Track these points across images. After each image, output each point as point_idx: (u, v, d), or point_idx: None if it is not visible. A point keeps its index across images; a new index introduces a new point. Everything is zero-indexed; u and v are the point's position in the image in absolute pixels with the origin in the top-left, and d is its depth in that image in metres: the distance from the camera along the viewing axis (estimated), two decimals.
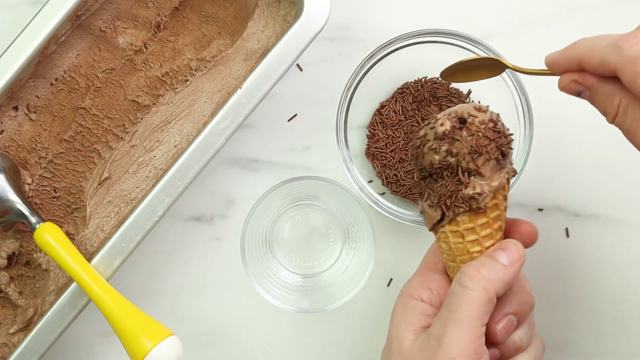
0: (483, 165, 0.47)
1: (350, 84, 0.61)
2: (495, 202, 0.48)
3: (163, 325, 0.56)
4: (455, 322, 0.45)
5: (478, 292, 0.46)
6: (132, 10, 0.63)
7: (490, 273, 0.46)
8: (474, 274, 0.46)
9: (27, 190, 0.62)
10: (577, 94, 0.46)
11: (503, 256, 0.47)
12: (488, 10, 0.66)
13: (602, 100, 0.45)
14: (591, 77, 0.45)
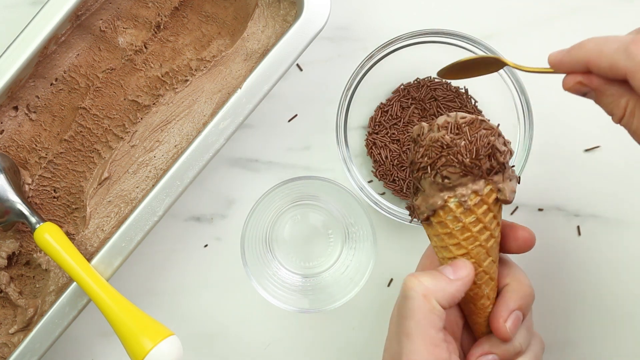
0: (423, 178, 0.48)
1: (350, 84, 0.61)
2: (439, 219, 0.48)
3: (163, 325, 0.56)
4: (407, 336, 0.45)
5: (419, 300, 0.45)
6: (132, 10, 0.63)
7: (433, 283, 0.46)
8: (415, 282, 0.46)
9: (27, 190, 0.62)
10: (583, 94, 0.46)
11: (449, 270, 0.47)
12: (488, 10, 0.66)
13: (609, 102, 0.45)
14: (597, 79, 0.45)
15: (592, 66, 0.44)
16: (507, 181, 0.48)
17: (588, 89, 0.45)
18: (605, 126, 0.66)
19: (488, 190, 0.47)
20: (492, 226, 0.48)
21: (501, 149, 0.47)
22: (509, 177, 0.48)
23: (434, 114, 0.64)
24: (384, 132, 0.64)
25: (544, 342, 0.52)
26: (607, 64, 0.43)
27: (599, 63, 0.43)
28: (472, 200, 0.47)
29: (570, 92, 0.47)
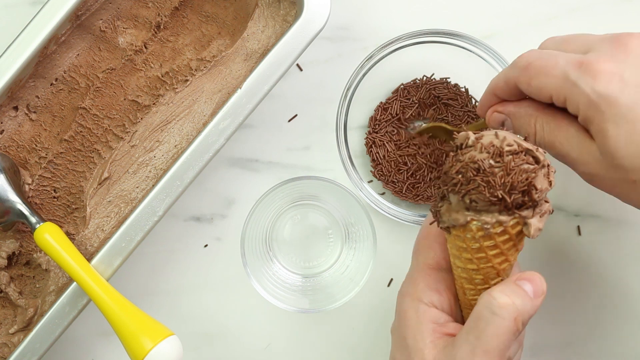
0: (452, 192, 0.46)
1: (350, 84, 0.61)
2: (458, 233, 0.46)
3: (163, 325, 0.56)
4: (485, 352, 0.43)
5: (509, 322, 0.44)
6: (132, 10, 0.63)
7: (522, 304, 0.44)
8: (508, 303, 0.44)
9: (27, 190, 0.62)
10: (501, 124, 0.52)
11: (529, 287, 0.46)
12: (488, 10, 0.66)
13: (522, 124, 0.50)
14: (509, 104, 0.51)
15: (496, 91, 0.51)
16: (537, 217, 0.45)
17: (504, 117, 0.52)
18: None
19: (514, 223, 0.45)
20: (510, 252, 0.46)
21: (539, 187, 0.45)
22: (540, 213, 0.46)
23: (434, 114, 0.64)
24: (383, 132, 0.64)
25: (523, 347, 0.52)
26: (502, 81, 0.51)
27: (498, 84, 0.51)
28: (495, 229, 0.45)
29: (492, 125, 0.52)
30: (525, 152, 0.45)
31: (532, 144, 0.46)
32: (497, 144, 0.44)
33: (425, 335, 0.47)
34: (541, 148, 0.46)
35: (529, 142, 0.46)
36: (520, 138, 0.46)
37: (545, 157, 0.45)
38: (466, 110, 0.64)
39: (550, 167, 0.46)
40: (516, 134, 0.46)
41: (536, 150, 0.45)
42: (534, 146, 0.45)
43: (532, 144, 0.47)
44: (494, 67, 0.61)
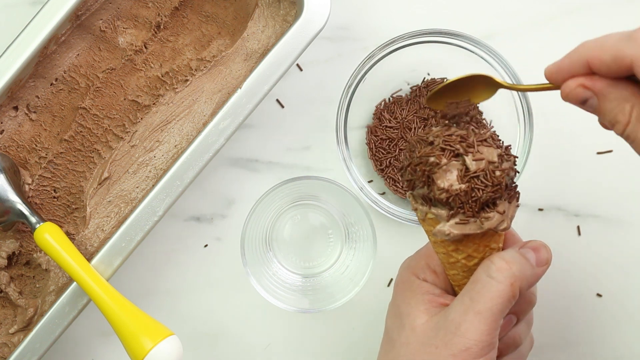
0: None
1: (350, 84, 0.61)
2: (423, 224, 0.46)
3: (163, 325, 0.56)
4: (478, 313, 0.44)
5: (505, 286, 0.44)
6: (132, 10, 0.63)
7: (520, 270, 0.44)
8: (504, 267, 0.44)
9: (27, 190, 0.62)
10: (583, 102, 0.42)
11: (532, 256, 0.46)
12: (488, 10, 0.66)
13: (613, 107, 0.41)
14: (601, 80, 0.41)
15: (594, 62, 0.40)
16: (453, 220, 0.43)
17: (590, 94, 0.42)
18: None
19: (426, 216, 0.44)
20: (478, 253, 0.45)
21: (441, 185, 0.43)
22: (507, 203, 0.44)
23: (434, 115, 0.64)
24: (384, 131, 0.64)
25: (533, 341, 0.52)
26: (610, 55, 0.39)
27: (602, 56, 0.40)
28: (424, 223, 0.45)
29: (569, 100, 0.43)
30: (445, 149, 0.43)
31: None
32: (430, 135, 0.44)
33: (419, 302, 0.47)
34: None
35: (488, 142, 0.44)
36: (489, 140, 0.44)
37: (478, 163, 0.42)
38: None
39: (483, 182, 0.43)
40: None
41: (466, 153, 0.43)
42: (475, 152, 0.43)
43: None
44: (494, 67, 0.61)
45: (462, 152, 0.43)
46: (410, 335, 0.47)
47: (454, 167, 0.43)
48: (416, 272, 0.49)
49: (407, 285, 0.49)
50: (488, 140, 0.44)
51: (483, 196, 0.42)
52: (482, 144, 0.43)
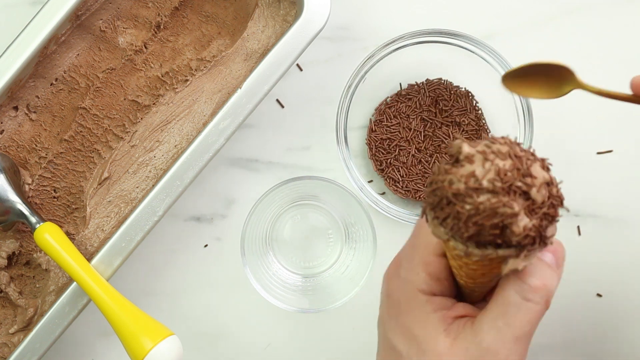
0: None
1: (350, 84, 0.61)
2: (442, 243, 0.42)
3: (163, 325, 0.56)
4: (517, 339, 0.41)
5: (542, 306, 0.41)
6: (132, 10, 0.63)
7: (552, 283, 0.41)
8: (540, 287, 0.40)
9: (27, 190, 0.62)
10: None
11: (550, 258, 0.42)
12: (488, 10, 0.66)
13: None
14: None
15: None
16: (522, 256, 0.39)
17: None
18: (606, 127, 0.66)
19: (490, 256, 0.39)
20: (494, 270, 0.41)
21: (517, 231, 0.37)
22: (525, 253, 0.38)
23: (434, 115, 0.64)
24: (384, 131, 0.64)
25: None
26: None
27: None
28: (468, 258, 0.40)
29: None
30: (509, 191, 0.37)
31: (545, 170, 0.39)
32: (478, 175, 0.37)
33: (436, 323, 0.43)
34: None
35: (539, 165, 0.39)
36: (530, 157, 0.38)
37: (546, 193, 0.39)
38: (467, 112, 0.64)
39: (550, 210, 0.39)
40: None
41: (531, 186, 0.38)
42: (534, 179, 0.38)
43: None
44: (494, 67, 0.61)
45: (525, 187, 0.38)
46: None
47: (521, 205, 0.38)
48: (420, 287, 0.44)
49: (415, 304, 0.44)
50: (529, 156, 0.38)
51: (551, 222, 0.39)
52: (530, 163, 0.39)
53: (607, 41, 0.66)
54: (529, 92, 0.45)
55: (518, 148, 0.38)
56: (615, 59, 0.66)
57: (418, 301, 0.44)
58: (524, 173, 0.38)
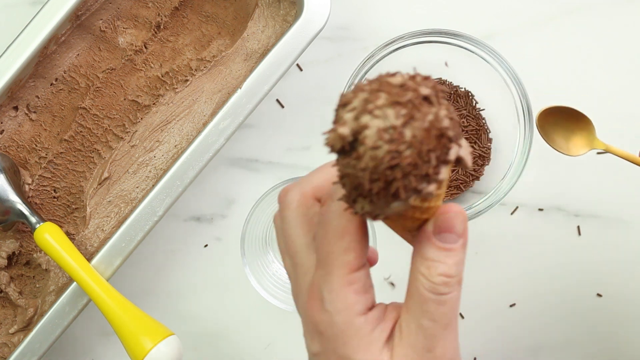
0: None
1: (350, 84, 0.61)
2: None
3: (163, 325, 0.56)
4: (446, 326, 0.40)
5: (457, 290, 0.40)
6: (132, 10, 0.63)
7: (458, 269, 0.39)
8: (447, 281, 0.39)
9: (27, 190, 0.62)
10: None
11: (453, 237, 0.40)
12: (488, 10, 0.66)
13: None
14: None
15: None
16: (461, 148, 0.34)
17: None
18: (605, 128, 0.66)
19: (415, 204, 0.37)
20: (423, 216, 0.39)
21: (451, 135, 0.33)
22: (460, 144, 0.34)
23: None
24: None
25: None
26: None
27: None
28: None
29: None
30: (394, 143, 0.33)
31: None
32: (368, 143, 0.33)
33: (377, 342, 0.41)
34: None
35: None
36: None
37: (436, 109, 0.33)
38: (467, 112, 0.64)
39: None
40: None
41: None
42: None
43: None
44: (494, 67, 0.61)
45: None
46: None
47: None
48: (355, 311, 0.40)
49: (352, 331, 0.40)
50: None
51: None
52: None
53: (607, 41, 0.66)
54: (553, 138, 0.53)
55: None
56: (615, 59, 0.66)
57: (355, 327, 0.41)
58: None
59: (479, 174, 0.64)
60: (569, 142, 0.54)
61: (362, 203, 0.36)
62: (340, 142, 0.33)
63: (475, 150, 0.64)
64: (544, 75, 0.65)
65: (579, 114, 0.53)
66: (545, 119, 0.53)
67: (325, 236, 0.40)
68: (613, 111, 0.66)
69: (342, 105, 0.34)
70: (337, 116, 0.34)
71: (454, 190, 0.64)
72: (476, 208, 0.61)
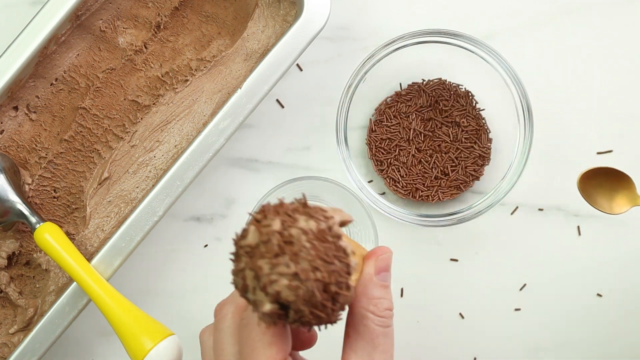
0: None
1: (350, 84, 0.61)
2: None
3: (163, 325, 0.56)
4: (392, 357, 0.43)
5: (391, 320, 0.43)
6: (132, 10, 0.63)
7: (391, 300, 0.43)
8: (390, 311, 0.43)
9: (27, 190, 0.62)
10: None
11: (381, 276, 0.44)
12: (488, 10, 0.66)
13: None
14: None
15: None
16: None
17: None
18: (605, 128, 0.66)
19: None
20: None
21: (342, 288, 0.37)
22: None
23: (434, 115, 0.64)
24: (384, 131, 0.64)
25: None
26: None
27: None
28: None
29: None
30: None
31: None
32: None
33: None
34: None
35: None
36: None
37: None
38: (467, 112, 0.64)
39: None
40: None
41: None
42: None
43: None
44: (494, 67, 0.61)
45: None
46: None
47: None
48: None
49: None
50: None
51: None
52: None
53: (607, 41, 0.66)
54: (595, 199, 0.57)
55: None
56: (615, 59, 0.66)
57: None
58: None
59: (479, 174, 0.64)
60: (611, 201, 0.57)
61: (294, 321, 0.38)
62: (274, 318, 0.37)
63: (475, 150, 0.64)
64: (544, 75, 0.65)
65: (619, 173, 0.57)
66: (587, 181, 0.57)
67: (250, 335, 0.43)
68: (613, 111, 0.66)
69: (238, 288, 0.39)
70: (250, 301, 0.38)
71: (454, 190, 0.64)
72: (476, 208, 0.61)
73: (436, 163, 0.64)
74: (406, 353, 0.66)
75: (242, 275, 0.38)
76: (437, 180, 0.64)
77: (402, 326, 0.66)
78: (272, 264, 0.37)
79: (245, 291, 0.38)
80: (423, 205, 0.64)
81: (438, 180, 0.64)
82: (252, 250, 0.38)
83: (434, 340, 0.66)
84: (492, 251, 0.65)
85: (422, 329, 0.66)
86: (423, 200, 0.64)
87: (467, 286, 0.66)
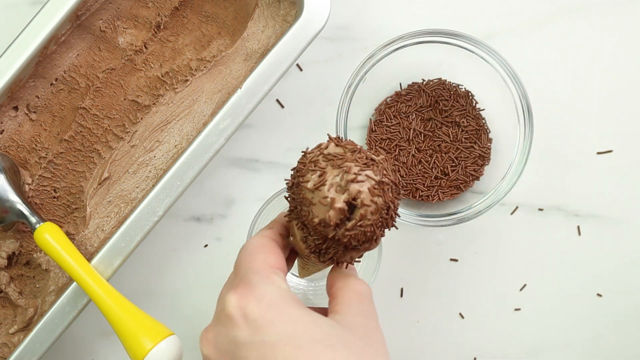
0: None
1: (350, 84, 0.61)
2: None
3: (163, 325, 0.56)
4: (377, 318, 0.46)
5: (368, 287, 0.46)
6: (132, 10, 0.63)
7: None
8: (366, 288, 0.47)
9: (27, 190, 0.62)
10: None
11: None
12: (488, 10, 0.66)
13: None
14: None
15: None
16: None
17: None
18: (605, 128, 0.66)
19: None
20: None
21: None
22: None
23: (434, 115, 0.64)
24: (384, 131, 0.64)
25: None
26: None
27: None
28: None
29: None
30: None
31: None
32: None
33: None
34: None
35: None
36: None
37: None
38: (467, 112, 0.64)
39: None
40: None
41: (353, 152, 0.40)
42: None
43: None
44: (494, 67, 0.61)
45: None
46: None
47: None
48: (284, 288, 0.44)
49: (292, 307, 0.43)
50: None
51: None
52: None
53: (607, 41, 0.66)
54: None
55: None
56: (616, 59, 0.66)
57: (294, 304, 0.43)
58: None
59: (479, 174, 0.64)
60: None
61: (329, 253, 0.43)
62: (339, 215, 0.39)
63: (475, 150, 0.64)
64: (544, 75, 0.65)
65: None
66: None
67: (247, 248, 0.44)
68: (613, 111, 0.66)
69: (307, 186, 0.39)
70: (315, 197, 0.39)
71: (454, 190, 0.64)
72: (476, 208, 0.61)
73: (436, 163, 0.64)
74: (406, 353, 0.66)
75: (322, 173, 0.39)
76: (437, 180, 0.64)
77: (402, 326, 0.66)
78: (361, 167, 0.39)
79: (316, 188, 0.39)
80: (423, 205, 0.64)
81: (438, 180, 0.64)
82: (336, 156, 0.40)
83: (434, 340, 0.66)
84: (492, 251, 0.65)
85: (422, 329, 0.66)
86: (423, 200, 0.64)
87: (467, 286, 0.66)
